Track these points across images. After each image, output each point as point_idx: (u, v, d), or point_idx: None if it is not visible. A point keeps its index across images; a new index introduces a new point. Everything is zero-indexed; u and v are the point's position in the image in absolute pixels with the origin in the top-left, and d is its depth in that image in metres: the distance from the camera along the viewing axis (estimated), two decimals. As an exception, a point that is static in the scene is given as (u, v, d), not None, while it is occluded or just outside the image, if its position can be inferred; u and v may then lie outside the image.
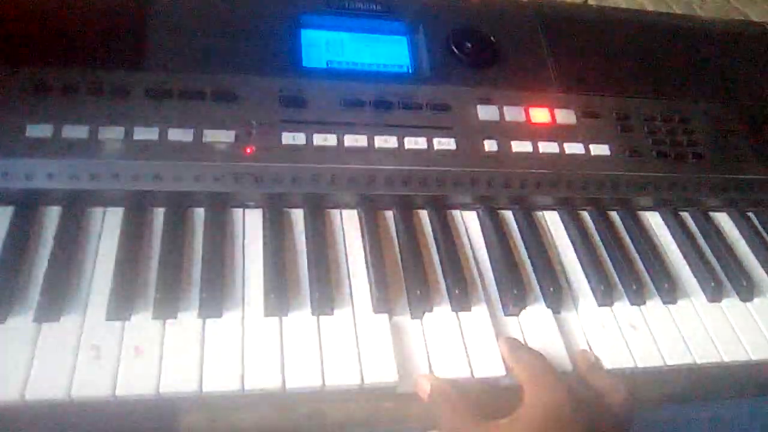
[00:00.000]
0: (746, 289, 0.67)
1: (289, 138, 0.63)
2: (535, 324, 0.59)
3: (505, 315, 0.61)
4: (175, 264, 0.56)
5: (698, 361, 0.60)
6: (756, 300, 0.67)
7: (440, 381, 0.53)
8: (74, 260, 0.56)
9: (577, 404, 0.49)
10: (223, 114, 0.63)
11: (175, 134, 0.61)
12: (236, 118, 0.63)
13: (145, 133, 0.60)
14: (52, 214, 0.59)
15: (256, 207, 0.63)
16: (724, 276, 0.69)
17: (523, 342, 0.58)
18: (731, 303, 0.66)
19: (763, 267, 0.71)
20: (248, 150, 0.62)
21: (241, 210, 0.63)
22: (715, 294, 0.66)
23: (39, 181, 0.57)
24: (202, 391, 0.49)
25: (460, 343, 0.56)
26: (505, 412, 0.50)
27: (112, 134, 0.59)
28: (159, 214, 0.61)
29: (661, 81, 0.80)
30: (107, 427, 0.50)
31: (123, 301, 0.53)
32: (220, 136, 0.61)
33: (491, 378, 0.55)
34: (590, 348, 0.59)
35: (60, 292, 0.53)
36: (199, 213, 0.62)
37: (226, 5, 0.71)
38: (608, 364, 0.58)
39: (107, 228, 0.59)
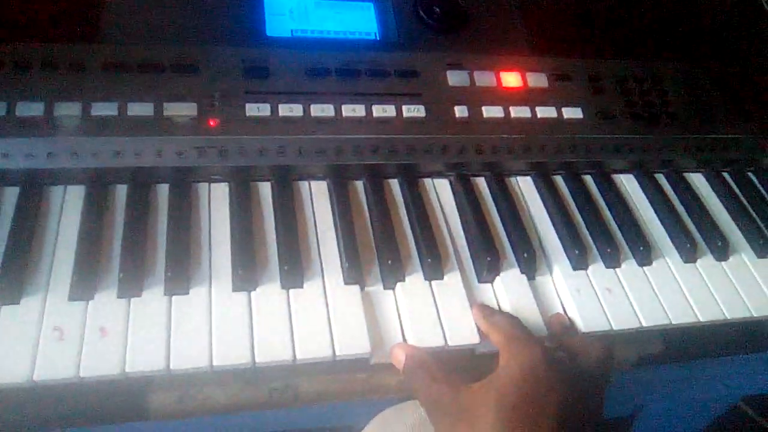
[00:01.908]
0: (721, 249, 0.67)
1: (253, 109, 0.61)
2: (509, 290, 0.59)
3: (479, 282, 0.60)
4: (138, 241, 0.55)
5: (674, 322, 0.60)
6: (731, 259, 0.67)
7: (415, 349, 0.53)
8: (34, 240, 0.54)
9: (552, 364, 0.49)
10: (184, 86, 0.61)
11: (135, 108, 0.59)
12: (198, 91, 0.61)
13: (103, 109, 0.58)
14: (10, 195, 0.57)
15: (222, 181, 0.61)
16: (699, 236, 0.68)
17: (497, 308, 0.57)
18: (706, 263, 0.66)
19: (737, 226, 0.71)
20: (211, 123, 0.60)
21: (206, 184, 0.61)
22: (689, 254, 0.66)
23: (-6, 161, 0.55)
24: (169, 370, 0.48)
25: (433, 312, 0.56)
26: (481, 378, 0.49)
27: (68, 110, 0.57)
28: (121, 191, 0.59)
29: (633, 42, 0.79)
30: (74, 410, 0.49)
31: (86, 281, 0.51)
32: (181, 109, 0.59)
33: (466, 346, 0.54)
34: (565, 312, 0.59)
35: (19, 274, 0.51)
36: (163, 189, 0.60)
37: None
38: (584, 327, 0.58)
39: (68, 207, 0.57)
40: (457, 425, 0.47)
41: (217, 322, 0.51)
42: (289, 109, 0.62)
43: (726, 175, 0.76)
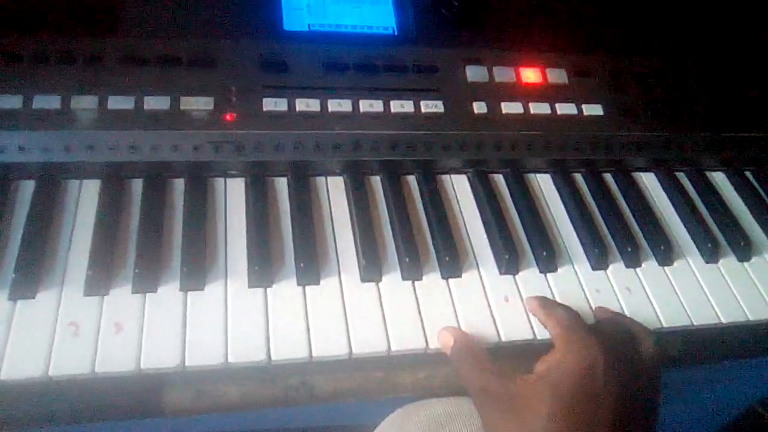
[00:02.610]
0: (744, 249, 0.66)
1: (270, 104, 0.61)
2: (527, 289, 0.58)
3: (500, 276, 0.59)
4: (154, 236, 0.55)
5: (695, 323, 0.59)
6: (754, 259, 0.66)
7: (463, 334, 0.52)
8: (49, 235, 0.54)
9: (611, 364, 0.47)
10: (201, 80, 0.61)
11: (152, 102, 0.58)
12: (215, 85, 0.61)
13: (120, 102, 0.58)
14: (26, 188, 0.57)
15: (238, 176, 0.61)
16: (721, 236, 0.67)
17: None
18: (729, 263, 0.65)
19: (760, 226, 0.70)
20: (228, 117, 0.59)
21: (222, 179, 0.61)
22: (712, 255, 0.64)
23: (10, 154, 0.55)
24: (185, 366, 0.48)
25: (450, 310, 0.55)
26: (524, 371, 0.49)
27: (85, 104, 0.57)
28: (137, 186, 0.59)
29: (655, 38, 0.78)
30: (90, 405, 0.49)
31: (101, 276, 0.51)
32: (198, 104, 0.59)
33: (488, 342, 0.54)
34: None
35: (35, 269, 0.51)
36: (179, 183, 0.60)
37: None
38: (603, 328, 0.57)
39: (83, 201, 0.57)
40: (507, 415, 0.46)
41: (232, 319, 0.51)
42: (306, 104, 0.61)
43: (748, 174, 0.75)
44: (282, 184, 0.62)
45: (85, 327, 0.49)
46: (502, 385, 0.48)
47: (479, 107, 0.65)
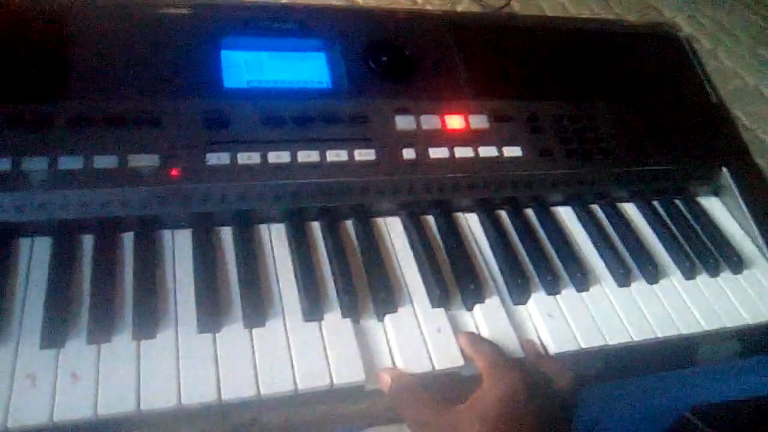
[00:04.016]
0: (652, 273, 0.73)
1: (213, 158, 0.65)
2: (458, 321, 0.63)
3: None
4: (106, 289, 0.58)
5: (610, 342, 0.65)
6: (661, 282, 0.73)
7: (400, 374, 0.57)
8: (3, 292, 0.56)
9: (530, 390, 0.54)
10: (147, 138, 0.64)
11: (100, 161, 0.61)
12: (160, 142, 0.64)
13: (69, 163, 0.61)
14: (-21, 248, 0.59)
15: (185, 227, 0.64)
16: (632, 262, 0.74)
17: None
18: (639, 286, 0.72)
19: (666, 251, 0.77)
20: (174, 172, 0.63)
21: (170, 231, 0.64)
22: (623, 279, 0.71)
23: (-36, 215, 0.58)
24: (140, 410, 0.51)
25: (387, 342, 0.60)
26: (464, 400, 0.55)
27: (36, 165, 0.60)
28: (88, 241, 0.62)
29: (567, 84, 0.85)
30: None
31: (56, 329, 0.54)
32: (145, 161, 0.63)
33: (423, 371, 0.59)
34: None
35: (-9, 325, 0.54)
36: (129, 237, 0.63)
37: (146, 30, 0.72)
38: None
39: (36, 257, 0.59)
40: None
41: (184, 363, 0.54)
42: (248, 157, 0.66)
43: (656, 203, 0.83)
44: (227, 234, 0.65)
45: (42, 378, 0.51)
46: (439, 416, 0.54)
47: (408, 153, 0.71)
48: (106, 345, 0.54)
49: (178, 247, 0.63)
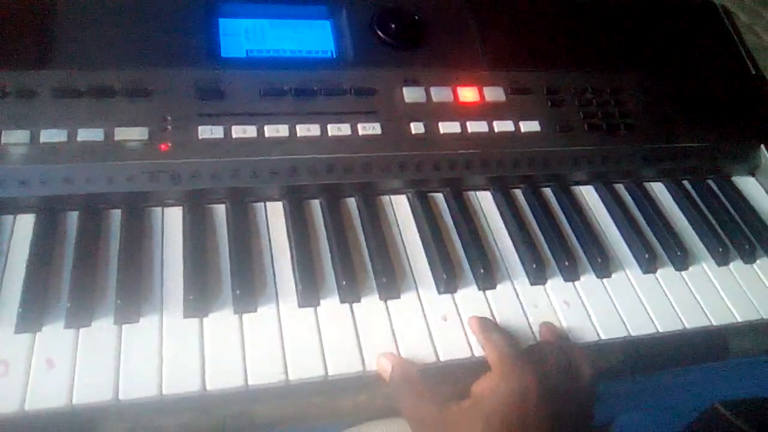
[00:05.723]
0: (680, 259, 0.67)
1: (206, 132, 0.61)
2: (466, 308, 0.58)
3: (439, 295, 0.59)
4: (88, 270, 0.54)
5: (633, 333, 0.60)
6: (691, 268, 0.67)
7: (401, 361, 0.53)
8: (-20, 272, 0.53)
9: (543, 389, 0.48)
10: (135, 110, 0.61)
11: (85, 134, 0.58)
12: (150, 114, 0.61)
13: (52, 135, 0.58)
14: (-43, 225, 0.56)
15: (176, 205, 0.61)
16: (658, 246, 0.68)
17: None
18: (666, 273, 0.66)
19: (697, 235, 0.71)
20: (163, 147, 0.59)
21: (159, 209, 0.60)
22: (649, 265, 0.66)
23: (-60, 191, 0.55)
24: (118, 400, 0.48)
25: (389, 331, 0.55)
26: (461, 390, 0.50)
27: (16, 138, 0.57)
28: (72, 218, 0.58)
29: (590, 53, 0.79)
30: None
31: (32, 313, 0.51)
32: (132, 134, 0.59)
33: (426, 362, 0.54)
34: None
35: (-35, 307, 0.51)
36: (116, 214, 0.59)
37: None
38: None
39: (17, 236, 0.56)
40: None
41: (167, 350, 0.51)
42: (243, 131, 0.62)
43: (686, 183, 0.77)
44: (220, 212, 0.61)
45: (16, 365, 0.48)
46: (438, 413, 0.49)
47: (417, 128, 0.66)
48: (85, 329, 0.51)
49: (168, 226, 0.59)
